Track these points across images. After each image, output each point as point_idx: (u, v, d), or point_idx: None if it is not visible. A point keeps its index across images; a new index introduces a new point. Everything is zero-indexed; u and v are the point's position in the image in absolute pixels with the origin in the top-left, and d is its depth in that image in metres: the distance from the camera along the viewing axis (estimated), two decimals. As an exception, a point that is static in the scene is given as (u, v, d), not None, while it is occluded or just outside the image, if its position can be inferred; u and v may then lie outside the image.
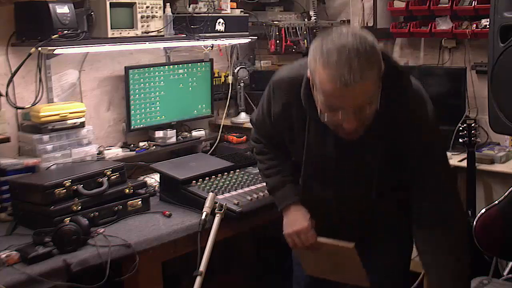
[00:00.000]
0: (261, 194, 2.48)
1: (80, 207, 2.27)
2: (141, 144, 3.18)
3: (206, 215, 2.03)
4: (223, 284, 3.09)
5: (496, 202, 2.50)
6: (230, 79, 3.68)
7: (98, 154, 2.89)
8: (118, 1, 2.80)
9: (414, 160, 1.77)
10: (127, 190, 2.46)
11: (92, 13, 2.75)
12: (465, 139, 2.93)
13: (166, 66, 3.27)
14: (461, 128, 2.96)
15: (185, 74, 3.36)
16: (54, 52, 2.67)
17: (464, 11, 3.33)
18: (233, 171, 2.74)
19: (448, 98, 3.42)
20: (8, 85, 2.66)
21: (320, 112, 1.64)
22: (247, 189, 2.56)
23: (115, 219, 2.36)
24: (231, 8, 3.36)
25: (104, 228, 2.26)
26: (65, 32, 2.57)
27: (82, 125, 2.80)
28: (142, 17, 2.88)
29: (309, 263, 2.11)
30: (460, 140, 2.97)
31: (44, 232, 2.10)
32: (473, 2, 3.26)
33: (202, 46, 3.35)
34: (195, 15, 3.15)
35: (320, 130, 1.76)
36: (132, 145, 3.15)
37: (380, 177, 1.81)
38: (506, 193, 2.48)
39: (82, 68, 3.01)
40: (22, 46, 2.64)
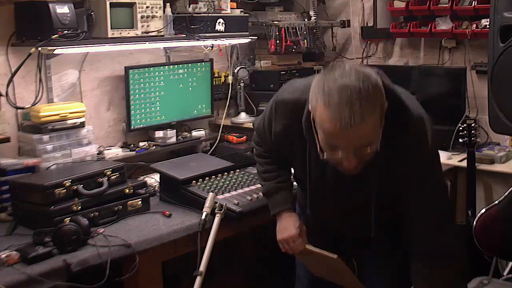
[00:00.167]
0: (261, 194, 2.47)
1: (80, 207, 2.26)
2: (141, 144, 3.18)
3: (206, 215, 2.04)
4: (223, 284, 3.09)
5: (496, 202, 2.50)
6: (230, 79, 3.68)
7: (98, 154, 2.89)
8: (118, 1, 2.80)
9: (411, 190, 1.75)
10: (127, 190, 2.45)
11: (92, 13, 2.75)
12: (465, 139, 2.93)
13: (166, 66, 3.27)
14: (461, 128, 2.96)
15: (185, 74, 3.36)
16: (54, 52, 2.67)
17: (464, 11, 3.33)
18: (233, 171, 2.74)
19: (448, 98, 3.43)
20: (8, 85, 2.66)
21: (319, 148, 1.62)
22: (247, 189, 2.56)
23: (115, 219, 2.35)
24: (231, 8, 3.36)
25: (104, 228, 2.26)
26: (65, 32, 2.58)
27: (82, 125, 2.80)
28: (142, 17, 2.88)
29: (311, 266, 2.16)
30: (460, 140, 2.97)
31: (44, 232, 2.10)
32: (473, 2, 3.26)
33: (202, 46, 3.35)
34: (195, 15, 3.15)
35: (319, 160, 1.72)
36: (132, 145, 3.15)
37: (378, 201, 1.81)
38: (506, 193, 2.48)
39: (82, 68, 3.01)
40: (22, 46, 2.64)
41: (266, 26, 3.61)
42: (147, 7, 2.90)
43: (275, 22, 3.62)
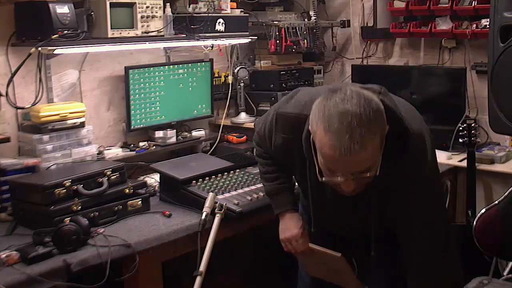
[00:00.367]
0: (261, 194, 2.47)
1: (80, 207, 2.26)
2: (141, 144, 3.18)
3: (206, 215, 2.04)
4: (223, 284, 3.09)
5: (496, 202, 2.50)
6: (230, 79, 3.68)
7: (98, 154, 2.89)
8: (118, 1, 2.80)
9: (409, 206, 1.74)
10: (127, 190, 2.45)
11: (92, 13, 2.75)
12: (465, 139, 2.93)
13: (166, 66, 3.27)
14: (461, 128, 2.96)
15: (185, 74, 3.36)
16: (54, 52, 2.67)
17: (464, 11, 3.33)
18: (233, 171, 2.74)
19: (448, 98, 3.43)
20: (8, 85, 2.66)
21: (318, 171, 1.62)
22: (247, 189, 2.56)
23: (115, 219, 2.35)
24: (231, 8, 3.36)
25: (104, 228, 2.26)
26: (65, 32, 2.57)
27: (82, 125, 2.79)
28: (142, 17, 2.88)
29: (311, 266, 2.16)
30: (460, 140, 2.97)
31: (44, 232, 2.10)
32: (473, 2, 3.26)
33: (202, 46, 3.36)
34: (195, 15, 3.15)
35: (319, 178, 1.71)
36: (132, 145, 3.15)
37: (378, 216, 1.81)
38: (506, 193, 2.48)
39: (82, 68, 3.01)
40: (22, 46, 2.64)
41: (266, 26, 3.61)
42: (147, 7, 2.90)
43: (275, 22, 3.62)
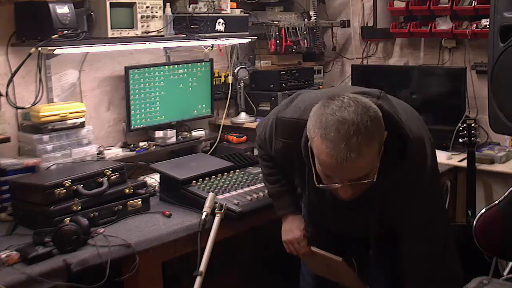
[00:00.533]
0: (261, 194, 2.48)
1: (80, 207, 2.26)
2: (141, 144, 3.18)
3: (206, 215, 2.04)
4: (223, 284, 3.09)
5: (496, 202, 2.50)
6: (230, 79, 3.68)
7: (98, 154, 2.89)
8: (118, 1, 2.80)
9: (409, 211, 1.75)
10: (127, 190, 2.45)
11: (92, 13, 2.75)
12: (465, 139, 2.93)
13: (166, 66, 3.27)
14: (461, 128, 2.96)
15: (185, 74, 3.36)
16: (54, 52, 2.67)
17: (464, 11, 3.33)
18: (233, 171, 2.74)
19: (448, 98, 3.43)
20: (8, 85, 2.66)
21: (316, 177, 1.62)
22: (247, 189, 2.56)
23: (115, 219, 2.35)
24: (231, 8, 3.36)
25: (104, 228, 2.26)
26: (65, 32, 2.57)
27: (82, 125, 2.79)
28: (142, 17, 2.88)
29: (314, 266, 2.17)
30: (460, 140, 2.97)
31: (44, 232, 2.10)
32: (473, 2, 3.26)
33: (202, 46, 3.36)
34: (195, 15, 3.15)
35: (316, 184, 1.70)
36: (132, 145, 3.15)
37: (378, 220, 1.81)
38: (506, 193, 2.48)
39: (82, 68, 3.01)
40: (22, 46, 2.64)
41: (266, 26, 3.61)
42: (147, 7, 2.90)
43: (275, 22, 3.62)
